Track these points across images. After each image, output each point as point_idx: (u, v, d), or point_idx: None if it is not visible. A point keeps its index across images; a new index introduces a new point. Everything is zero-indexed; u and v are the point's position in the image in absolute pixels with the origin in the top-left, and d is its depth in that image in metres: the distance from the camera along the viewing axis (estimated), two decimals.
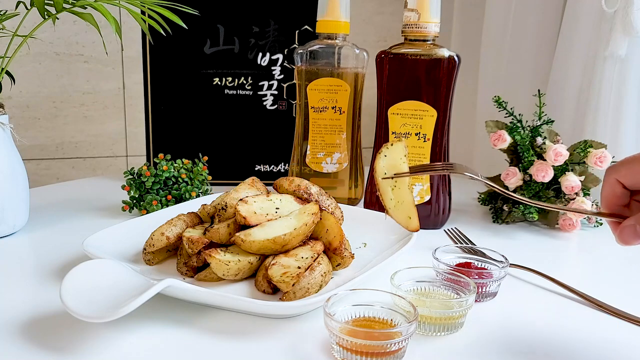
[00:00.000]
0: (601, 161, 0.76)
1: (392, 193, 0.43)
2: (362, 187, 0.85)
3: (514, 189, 0.80)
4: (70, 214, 0.78)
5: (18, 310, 0.50)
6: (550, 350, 0.47)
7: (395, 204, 0.43)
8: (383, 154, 0.43)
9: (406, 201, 0.44)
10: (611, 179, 0.42)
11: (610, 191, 0.43)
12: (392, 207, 0.43)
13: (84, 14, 0.65)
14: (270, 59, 0.94)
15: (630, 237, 0.40)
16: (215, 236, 0.56)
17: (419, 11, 0.70)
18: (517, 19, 1.16)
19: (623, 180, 0.42)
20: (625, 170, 0.41)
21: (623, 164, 0.42)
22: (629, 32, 0.89)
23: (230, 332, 0.47)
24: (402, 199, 0.44)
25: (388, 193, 0.43)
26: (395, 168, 0.44)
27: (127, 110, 1.32)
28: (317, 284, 0.53)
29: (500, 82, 1.20)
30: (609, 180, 0.43)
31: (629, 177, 0.41)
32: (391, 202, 0.43)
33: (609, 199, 0.43)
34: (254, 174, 0.95)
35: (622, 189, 0.42)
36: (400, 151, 0.44)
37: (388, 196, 0.43)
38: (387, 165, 0.43)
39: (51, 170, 1.29)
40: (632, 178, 0.41)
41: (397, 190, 0.43)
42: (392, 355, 0.42)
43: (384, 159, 0.43)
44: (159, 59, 0.92)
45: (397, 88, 0.73)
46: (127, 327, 0.47)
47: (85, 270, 0.48)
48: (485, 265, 0.57)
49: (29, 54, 1.20)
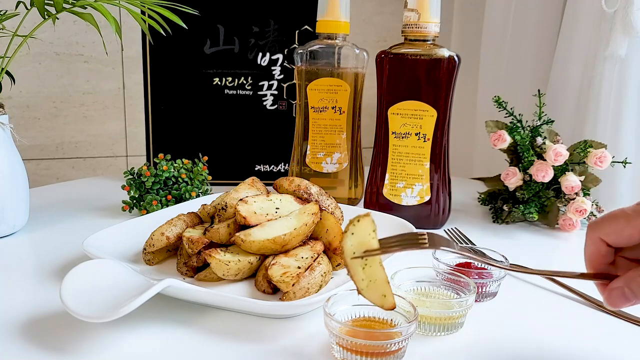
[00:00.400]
0: (601, 161, 0.76)
1: (363, 273, 0.40)
2: (362, 187, 0.85)
3: (514, 188, 0.80)
4: (70, 214, 0.78)
5: (18, 310, 0.50)
6: (550, 350, 0.46)
7: (367, 283, 0.40)
8: (350, 232, 0.40)
9: (379, 279, 0.41)
10: (594, 237, 0.40)
11: (595, 250, 0.40)
12: (365, 287, 0.40)
13: (84, 14, 0.65)
14: (270, 59, 0.94)
15: (620, 300, 0.38)
16: (215, 236, 0.56)
17: (419, 11, 0.70)
18: (517, 19, 1.16)
19: (607, 238, 0.39)
20: (608, 228, 0.39)
21: (605, 221, 0.39)
22: (629, 32, 0.89)
23: (230, 332, 0.47)
24: (374, 277, 0.41)
25: (359, 273, 0.40)
26: (364, 245, 0.40)
27: (127, 110, 1.32)
28: (317, 284, 0.53)
29: (500, 82, 1.20)
30: (592, 239, 0.40)
31: (612, 235, 0.39)
32: (363, 282, 0.40)
33: (594, 259, 0.41)
34: (254, 174, 0.95)
35: (607, 247, 0.40)
36: (367, 227, 0.40)
37: (359, 277, 0.40)
38: (355, 243, 0.40)
39: (51, 170, 1.29)
40: (616, 236, 0.39)
41: (369, 268, 0.40)
42: (392, 355, 0.42)
43: (351, 237, 0.40)
44: (159, 59, 0.92)
45: (397, 88, 0.73)
46: (127, 327, 0.47)
47: (85, 270, 0.48)
48: (485, 265, 0.57)
49: (29, 54, 1.20)
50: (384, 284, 0.41)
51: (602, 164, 0.76)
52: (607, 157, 0.76)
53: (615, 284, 0.39)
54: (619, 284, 0.38)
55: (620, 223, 0.38)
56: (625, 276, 0.38)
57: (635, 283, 0.38)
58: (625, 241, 0.39)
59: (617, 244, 0.39)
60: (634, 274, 0.38)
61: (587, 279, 0.41)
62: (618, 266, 0.41)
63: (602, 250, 0.40)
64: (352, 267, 0.41)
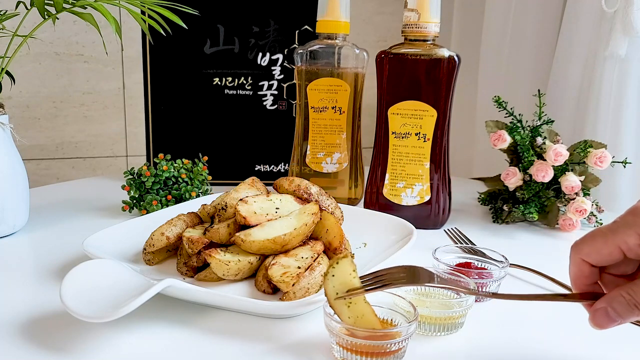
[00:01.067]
0: (601, 161, 0.76)
1: (349, 311, 0.42)
2: (362, 187, 0.85)
3: (514, 188, 0.80)
4: (70, 214, 0.78)
5: (18, 310, 0.50)
6: (550, 350, 0.47)
7: (355, 320, 0.42)
8: (330, 274, 0.41)
9: (366, 313, 0.42)
10: (576, 259, 0.40)
11: (578, 272, 0.40)
12: (353, 324, 0.42)
13: (84, 14, 0.65)
14: (270, 59, 0.94)
15: (604, 321, 0.38)
16: (215, 236, 0.56)
17: (419, 11, 0.70)
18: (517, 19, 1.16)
19: (588, 258, 0.39)
20: (588, 249, 0.39)
21: (585, 242, 0.39)
22: (629, 32, 0.89)
23: (230, 332, 0.47)
24: (360, 313, 0.42)
25: (345, 312, 0.42)
26: (346, 285, 0.42)
27: (127, 110, 1.32)
28: (317, 284, 0.53)
29: (500, 82, 1.20)
30: (574, 261, 0.40)
31: (593, 255, 0.39)
32: (350, 319, 0.41)
33: (578, 280, 0.40)
34: (254, 174, 0.94)
35: (590, 267, 0.40)
36: (347, 267, 0.42)
37: (345, 315, 0.41)
38: (336, 285, 0.41)
39: (51, 170, 1.29)
40: (597, 256, 0.38)
41: (354, 306, 0.42)
42: (392, 355, 0.42)
43: (332, 279, 0.41)
44: (159, 59, 0.92)
45: (397, 88, 0.73)
46: (127, 327, 0.47)
47: (85, 270, 0.48)
48: (485, 265, 0.57)
49: (29, 54, 1.20)
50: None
51: (602, 164, 0.76)
52: (607, 157, 0.76)
53: (598, 304, 0.38)
54: (602, 305, 0.38)
55: (599, 242, 0.38)
56: (607, 296, 0.38)
57: (617, 302, 0.37)
58: (606, 259, 0.39)
59: (599, 263, 0.39)
60: (616, 293, 0.38)
61: (574, 300, 0.40)
62: (605, 283, 0.41)
63: (585, 271, 0.40)
64: (337, 308, 0.42)
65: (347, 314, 0.42)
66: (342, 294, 0.42)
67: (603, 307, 0.38)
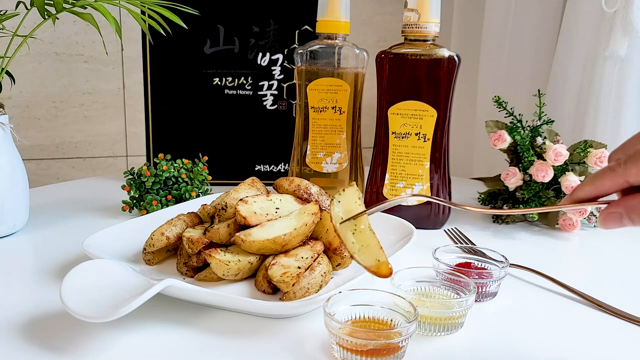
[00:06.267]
0: (601, 161, 0.76)
1: (353, 237, 0.41)
2: (362, 187, 0.85)
3: (514, 188, 0.80)
4: (70, 214, 0.78)
5: (18, 310, 0.50)
6: (550, 350, 0.47)
7: (359, 247, 0.41)
8: (336, 200, 0.42)
9: (371, 244, 0.42)
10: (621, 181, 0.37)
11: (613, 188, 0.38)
12: (357, 251, 0.41)
13: (84, 14, 0.65)
14: (270, 59, 0.94)
15: (615, 225, 0.37)
16: (215, 236, 0.56)
17: (419, 11, 0.70)
18: (517, 19, 1.16)
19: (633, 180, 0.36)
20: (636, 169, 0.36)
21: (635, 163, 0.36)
22: (629, 32, 0.89)
23: (230, 332, 0.47)
24: (365, 242, 0.42)
25: (349, 237, 0.42)
26: (351, 212, 0.43)
27: (127, 110, 1.32)
28: (317, 284, 0.53)
29: (500, 82, 1.20)
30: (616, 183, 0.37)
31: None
32: (354, 245, 0.41)
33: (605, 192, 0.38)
34: (254, 174, 0.95)
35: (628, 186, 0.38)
36: (353, 195, 0.43)
37: (349, 240, 0.41)
38: (342, 210, 0.42)
39: (51, 170, 1.30)
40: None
41: (359, 233, 0.42)
42: (392, 355, 0.42)
43: (338, 204, 0.42)
44: (159, 59, 0.92)
45: (397, 88, 0.73)
46: (127, 327, 0.47)
47: (85, 270, 0.48)
48: (485, 265, 0.57)
49: (29, 54, 1.20)
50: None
51: (602, 164, 0.76)
52: (607, 157, 0.76)
53: (614, 208, 0.37)
54: (619, 210, 0.37)
55: None
56: (626, 204, 0.37)
57: (636, 213, 0.36)
58: None
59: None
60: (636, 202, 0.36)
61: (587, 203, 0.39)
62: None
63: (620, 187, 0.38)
64: (342, 232, 0.42)
65: (352, 240, 0.42)
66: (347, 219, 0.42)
67: (619, 212, 0.37)
